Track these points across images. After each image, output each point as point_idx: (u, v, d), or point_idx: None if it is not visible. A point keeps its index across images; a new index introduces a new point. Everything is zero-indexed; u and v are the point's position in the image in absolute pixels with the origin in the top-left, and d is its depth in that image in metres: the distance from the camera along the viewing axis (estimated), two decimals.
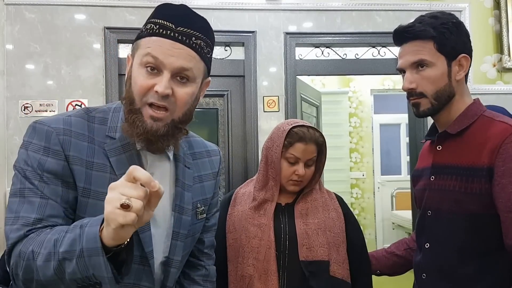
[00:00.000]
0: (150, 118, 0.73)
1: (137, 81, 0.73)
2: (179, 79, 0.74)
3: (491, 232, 0.89)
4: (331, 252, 1.05)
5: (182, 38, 0.73)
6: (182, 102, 0.75)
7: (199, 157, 0.91)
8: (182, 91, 0.74)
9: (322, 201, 1.13)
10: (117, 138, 0.76)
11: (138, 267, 0.75)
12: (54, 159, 0.70)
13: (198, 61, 0.75)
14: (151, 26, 0.74)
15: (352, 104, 4.57)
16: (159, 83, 0.71)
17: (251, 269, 1.04)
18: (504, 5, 2.47)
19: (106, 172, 0.74)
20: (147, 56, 0.72)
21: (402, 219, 4.14)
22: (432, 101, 0.95)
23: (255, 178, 1.17)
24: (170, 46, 0.72)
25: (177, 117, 0.75)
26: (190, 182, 0.86)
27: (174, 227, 0.80)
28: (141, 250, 0.75)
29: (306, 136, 1.07)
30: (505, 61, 2.47)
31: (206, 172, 0.91)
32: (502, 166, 0.86)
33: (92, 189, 0.72)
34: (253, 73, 2.38)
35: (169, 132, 0.75)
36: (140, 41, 0.76)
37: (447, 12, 0.98)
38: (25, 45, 2.19)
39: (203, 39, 0.75)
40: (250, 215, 1.09)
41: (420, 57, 0.94)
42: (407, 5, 2.47)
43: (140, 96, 0.73)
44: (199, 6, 2.31)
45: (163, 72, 0.72)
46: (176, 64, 0.72)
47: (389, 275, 1.23)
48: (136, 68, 0.74)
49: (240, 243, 1.08)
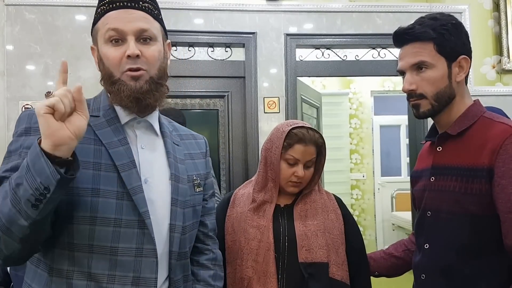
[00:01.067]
0: (132, 80, 0.79)
1: (108, 56, 0.80)
2: (143, 41, 0.81)
3: (491, 232, 0.89)
4: (330, 254, 1.05)
5: (131, 4, 0.80)
6: (153, 59, 0.81)
7: (185, 138, 0.96)
8: (149, 49, 0.81)
9: (321, 203, 1.12)
10: (101, 115, 0.82)
11: (138, 231, 0.77)
12: (35, 135, 0.71)
13: (152, 21, 0.83)
14: (102, 8, 0.81)
15: (353, 106, 4.57)
16: (127, 49, 0.78)
17: (250, 271, 1.04)
18: (504, 7, 2.48)
19: (90, 144, 0.78)
20: (108, 32, 0.79)
21: (402, 220, 4.14)
22: (433, 102, 0.96)
23: (254, 179, 1.17)
24: (125, 14, 0.79)
25: (154, 74, 0.81)
26: (181, 156, 0.90)
27: (172, 194, 0.84)
28: (138, 214, 0.77)
29: (306, 138, 1.07)
30: (504, 62, 2.48)
31: (195, 151, 0.96)
32: (502, 167, 0.86)
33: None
34: (253, 74, 2.38)
35: (152, 88, 0.81)
36: (97, 25, 0.83)
37: (446, 14, 0.98)
38: (26, 45, 2.20)
39: (149, 2, 0.83)
40: (249, 217, 1.09)
41: (420, 59, 0.95)
42: (407, 6, 2.48)
43: (116, 67, 0.79)
44: (200, 7, 2.32)
45: (127, 39, 0.79)
46: (135, 26, 0.79)
47: (388, 277, 1.23)
48: (102, 47, 0.81)
49: (238, 245, 1.07)
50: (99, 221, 0.75)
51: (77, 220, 0.74)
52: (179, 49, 2.43)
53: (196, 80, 2.44)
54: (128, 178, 0.77)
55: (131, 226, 0.76)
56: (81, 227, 0.74)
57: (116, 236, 0.75)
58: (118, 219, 0.76)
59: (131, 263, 0.76)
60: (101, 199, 0.75)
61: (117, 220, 0.76)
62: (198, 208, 0.92)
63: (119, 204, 0.76)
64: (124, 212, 0.76)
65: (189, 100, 2.47)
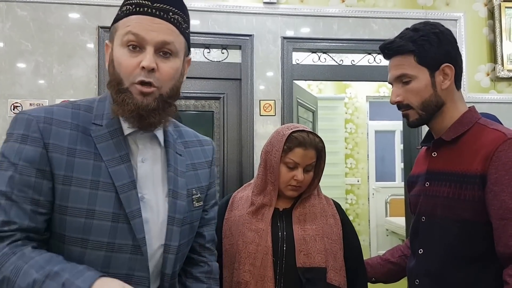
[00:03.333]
0: (140, 94, 0.73)
1: (121, 62, 0.74)
2: (162, 55, 0.75)
3: (484, 239, 0.89)
4: (329, 259, 1.04)
5: (160, 13, 0.74)
6: (168, 77, 0.75)
7: (190, 146, 0.90)
8: (166, 65, 0.75)
9: (320, 207, 1.12)
10: (103, 125, 0.76)
11: (131, 256, 0.73)
12: (32, 146, 0.70)
13: (178, 35, 0.76)
14: (127, 8, 0.75)
15: (348, 110, 4.59)
16: (143, 59, 0.72)
17: (247, 275, 1.02)
18: (498, 15, 2.51)
19: (89, 159, 0.73)
20: (127, 35, 0.73)
21: (396, 225, 4.15)
22: (419, 112, 0.98)
23: (253, 182, 1.16)
24: (150, 21, 0.73)
25: (165, 92, 0.76)
26: (183, 168, 0.84)
27: (169, 212, 0.79)
28: (132, 238, 0.73)
29: (306, 141, 1.06)
30: (498, 70, 2.50)
31: (199, 160, 0.90)
32: (495, 174, 0.86)
33: (74, 176, 0.71)
34: (249, 77, 2.38)
35: (159, 106, 0.75)
36: (117, 23, 0.76)
37: (430, 23, 0.99)
38: (16, 43, 2.17)
39: (180, 14, 0.77)
40: (247, 220, 1.08)
41: (402, 72, 0.97)
42: (403, 13, 2.50)
43: (127, 75, 0.73)
44: (197, 8, 2.31)
45: (145, 49, 0.73)
46: (157, 38, 0.73)
47: (385, 283, 1.23)
48: (117, 50, 0.75)
49: (236, 248, 1.06)
50: (91, 244, 0.71)
51: (68, 240, 0.71)
52: None
53: (192, 81, 2.42)
54: (127, 200, 0.73)
55: (124, 251, 0.73)
56: (71, 247, 0.71)
57: (107, 261, 0.72)
58: (111, 243, 0.72)
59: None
60: (96, 222, 0.71)
61: (110, 245, 0.72)
62: (196, 224, 0.87)
63: (113, 227, 0.72)
64: (118, 236, 0.72)
65: (184, 101, 2.45)
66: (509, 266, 0.84)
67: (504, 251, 0.85)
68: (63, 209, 0.70)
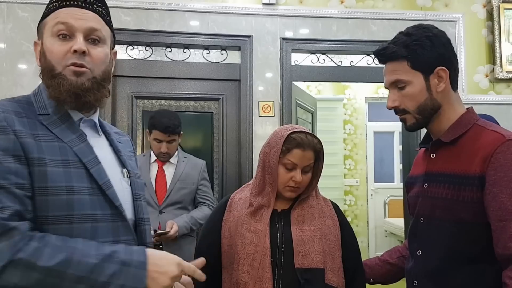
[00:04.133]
0: (74, 75, 0.78)
1: (52, 50, 0.79)
2: (91, 41, 0.81)
3: (482, 240, 0.89)
4: (327, 260, 1.04)
5: (85, 5, 0.81)
6: (99, 60, 0.81)
7: (120, 136, 0.97)
8: (96, 50, 0.81)
9: (319, 208, 1.12)
10: (51, 113, 0.80)
11: (113, 224, 0.77)
12: (2, 135, 0.71)
13: (104, 25, 0.84)
14: (53, 5, 0.81)
15: (347, 111, 4.59)
16: (74, 44, 0.78)
17: (245, 276, 1.02)
18: (497, 16, 2.52)
19: (53, 141, 0.76)
20: (57, 25, 0.79)
21: (394, 226, 4.15)
22: (416, 116, 0.98)
23: (251, 183, 1.16)
24: (78, 11, 0.80)
25: (97, 75, 0.81)
26: (127, 153, 0.92)
27: (133, 190, 0.86)
28: (110, 207, 0.78)
29: (304, 143, 1.06)
30: (497, 71, 2.51)
31: (129, 149, 0.98)
32: (493, 175, 0.87)
33: (46, 158, 0.73)
34: (248, 78, 2.38)
35: (94, 87, 0.80)
36: (45, 19, 0.82)
37: (423, 26, 0.99)
38: (18, 44, 2.17)
39: (102, 7, 0.84)
40: (246, 221, 1.08)
41: (396, 77, 0.98)
42: (401, 14, 2.50)
43: (59, 60, 0.78)
44: (196, 9, 2.32)
45: (75, 36, 0.79)
46: (86, 25, 0.80)
47: (383, 284, 1.23)
48: (48, 41, 0.80)
49: (235, 249, 1.06)
50: (77, 218, 0.73)
51: (53, 219, 0.72)
52: (174, 50, 2.42)
53: (191, 82, 2.43)
54: (98, 173, 0.77)
55: (106, 220, 0.77)
56: (57, 226, 0.72)
57: (94, 232, 0.75)
58: (94, 214, 0.75)
59: None
60: (76, 196, 0.74)
61: (93, 216, 0.75)
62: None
63: (92, 199, 0.76)
64: (98, 207, 0.76)
65: (183, 102, 2.45)
66: (508, 268, 0.84)
67: (503, 253, 0.85)
68: (43, 190, 0.71)
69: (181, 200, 1.92)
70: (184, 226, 1.83)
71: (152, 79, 2.37)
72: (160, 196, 1.91)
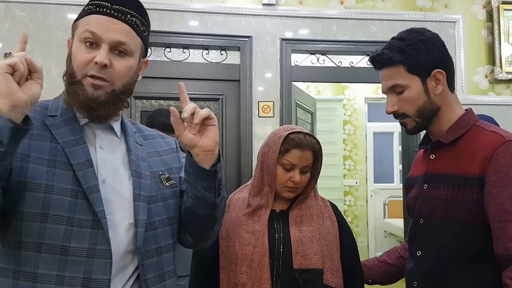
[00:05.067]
0: (91, 87, 0.78)
1: (77, 56, 0.79)
2: (117, 53, 0.80)
3: (482, 240, 0.89)
4: (325, 260, 1.04)
5: (118, 14, 0.79)
6: (121, 74, 0.80)
7: (150, 138, 0.94)
8: (120, 63, 0.80)
9: (317, 209, 1.11)
10: (58, 115, 0.81)
11: (91, 231, 0.75)
12: None
13: (134, 36, 0.81)
14: (88, 7, 0.81)
15: (347, 112, 4.60)
16: (97, 55, 0.77)
17: (244, 277, 1.02)
18: (497, 17, 2.52)
19: (46, 142, 0.77)
20: (85, 32, 0.79)
21: (394, 227, 4.15)
22: (416, 119, 0.98)
23: (249, 183, 1.16)
24: (107, 21, 0.79)
25: (117, 88, 0.80)
26: (144, 154, 0.89)
27: (134, 190, 0.83)
28: (92, 213, 0.75)
29: (303, 143, 1.06)
30: (497, 72, 2.51)
31: (162, 148, 0.94)
32: (493, 176, 0.87)
33: (31, 155, 0.75)
34: (248, 78, 2.38)
35: (110, 100, 0.79)
36: (78, 21, 0.82)
37: (416, 30, 0.99)
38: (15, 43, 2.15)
39: (138, 17, 0.82)
40: (244, 222, 1.08)
41: (394, 82, 0.98)
42: (401, 15, 2.50)
43: (80, 68, 0.78)
44: (195, 10, 2.31)
45: (101, 46, 0.78)
46: (113, 37, 0.78)
47: (381, 284, 1.23)
48: (76, 45, 0.80)
49: (233, 250, 1.06)
50: (51, 218, 0.73)
51: (27, 216, 0.73)
52: (173, 50, 2.42)
53: (190, 82, 2.42)
54: (84, 177, 0.76)
55: (85, 225, 0.75)
56: (31, 224, 0.72)
57: (68, 235, 0.74)
58: (71, 217, 0.74)
59: (82, 264, 0.74)
60: (55, 196, 0.73)
61: (70, 219, 0.74)
62: (172, 202, 0.89)
63: (73, 202, 0.75)
64: (78, 211, 0.75)
65: None
66: (508, 268, 0.85)
67: (502, 253, 0.85)
68: (21, 184, 0.72)
69: None
70: None
71: (151, 79, 2.37)
72: None
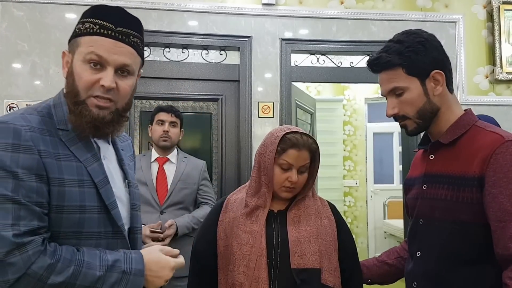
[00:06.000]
0: (96, 107, 0.81)
1: (82, 76, 0.81)
2: (121, 73, 0.83)
3: (482, 241, 0.89)
4: (323, 260, 1.04)
5: (122, 37, 0.82)
6: (125, 93, 0.84)
7: (122, 140, 1.00)
8: (124, 83, 0.83)
9: (315, 209, 1.11)
10: (69, 129, 0.83)
11: (112, 241, 0.84)
12: (27, 154, 0.75)
13: (136, 56, 0.86)
14: (90, 26, 0.82)
15: (347, 112, 4.59)
16: (104, 77, 0.80)
17: (241, 277, 1.02)
18: (497, 17, 2.51)
19: (72, 161, 0.81)
20: (90, 54, 0.80)
21: (394, 228, 4.14)
22: (417, 121, 0.98)
23: (247, 184, 1.16)
24: (113, 45, 0.81)
25: (120, 107, 0.85)
26: (128, 161, 0.96)
27: (131, 200, 0.91)
28: (112, 225, 0.84)
29: (299, 143, 1.06)
30: (497, 73, 2.50)
31: (129, 153, 1.02)
32: (493, 176, 0.87)
33: (65, 178, 0.79)
34: (248, 78, 2.37)
35: (114, 119, 0.84)
36: (79, 38, 0.82)
37: (412, 32, 0.99)
38: (13, 43, 2.16)
39: (138, 37, 0.86)
40: (241, 222, 1.08)
41: (393, 85, 0.98)
42: (401, 15, 2.50)
43: (85, 89, 0.81)
44: (195, 9, 2.31)
45: (106, 68, 0.81)
46: (118, 61, 0.82)
47: (380, 284, 1.23)
48: (79, 64, 0.81)
49: (231, 250, 1.06)
50: (85, 235, 0.80)
51: (64, 235, 0.78)
52: (172, 51, 2.42)
53: (190, 82, 2.42)
54: (106, 193, 0.83)
55: (107, 237, 0.83)
56: (66, 241, 0.78)
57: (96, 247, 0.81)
58: (99, 232, 0.82)
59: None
60: (87, 215, 0.80)
61: (98, 233, 0.82)
62: None
63: (99, 218, 0.82)
64: (103, 225, 0.82)
65: (182, 102, 2.44)
66: (508, 268, 0.84)
67: (503, 253, 0.85)
68: (60, 208, 0.77)
69: (183, 201, 1.91)
70: (185, 226, 1.83)
71: (150, 79, 2.36)
72: (161, 196, 1.90)
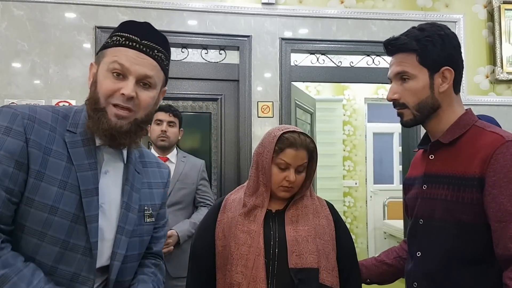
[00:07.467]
0: (115, 116, 0.82)
1: (103, 84, 0.82)
2: (142, 85, 0.84)
3: (482, 241, 0.89)
4: (321, 259, 1.04)
5: (146, 49, 0.83)
6: (145, 104, 0.84)
7: (149, 166, 0.98)
8: (145, 94, 0.84)
9: (313, 208, 1.11)
10: (77, 133, 0.83)
11: (81, 257, 0.79)
12: (14, 139, 0.75)
13: (159, 70, 0.86)
14: (117, 39, 0.84)
15: (346, 112, 4.59)
16: (125, 87, 0.81)
17: (239, 276, 1.02)
18: (498, 17, 2.51)
19: (62, 161, 0.79)
20: (114, 63, 0.82)
21: (393, 228, 4.14)
22: (414, 112, 0.98)
23: (245, 184, 1.16)
24: (136, 55, 0.82)
25: (139, 117, 0.85)
26: (138, 185, 0.93)
27: (119, 222, 0.86)
28: (86, 240, 0.80)
29: (297, 142, 1.06)
30: (497, 72, 2.50)
31: (155, 180, 0.99)
32: (493, 176, 0.86)
33: (46, 173, 0.77)
34: (247, 78, 2.37)
35: (132, 129, 0.84)
36: (106, 50, 0.85)
37: (437, 24, 0.99)
38: (13, 42, 2.16)
39: (163, 52, 0.87)
40: (239, 222, 1.08)
41: (403, 69, 0.97)
42: (402, 14, 2.50)
43: (106, 97, 0.82)
44: (194, 9, 2.31)
45: (128, 78, 0.82)
46: (140, 71, 0.82)
47: (379, 284, 1.23)
48: (102, 74, 0.83)
49: (229, 250, 1.05)
50: (48, 239, 0.76)
51: (28, 231, 0.76)
52: (172, 50, 2.40)
53: (189, 82, 2.41)
54: (89, 205, 0.80)
55: (76, 251, 0.79)
56: (29, 238, 0.76)
57: (59, 257, 0.78)
58: (66, 241, 0.78)
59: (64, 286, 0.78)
60: (57, 218, 0.77)
61: (65, 242, 0.78)
62: (146, 239, 0.94)
63: (71, 226, 0.78)
64: (74, 236, 0.79)
65: (181, 102, 2.44)
66: (508, 269, 0.84)
67: (503, 253, 0.85)
68: (29, 201, 0.75)
69: (182, 201, 1.91)
70: (186, 234, 1.85)
71: None
72: None
